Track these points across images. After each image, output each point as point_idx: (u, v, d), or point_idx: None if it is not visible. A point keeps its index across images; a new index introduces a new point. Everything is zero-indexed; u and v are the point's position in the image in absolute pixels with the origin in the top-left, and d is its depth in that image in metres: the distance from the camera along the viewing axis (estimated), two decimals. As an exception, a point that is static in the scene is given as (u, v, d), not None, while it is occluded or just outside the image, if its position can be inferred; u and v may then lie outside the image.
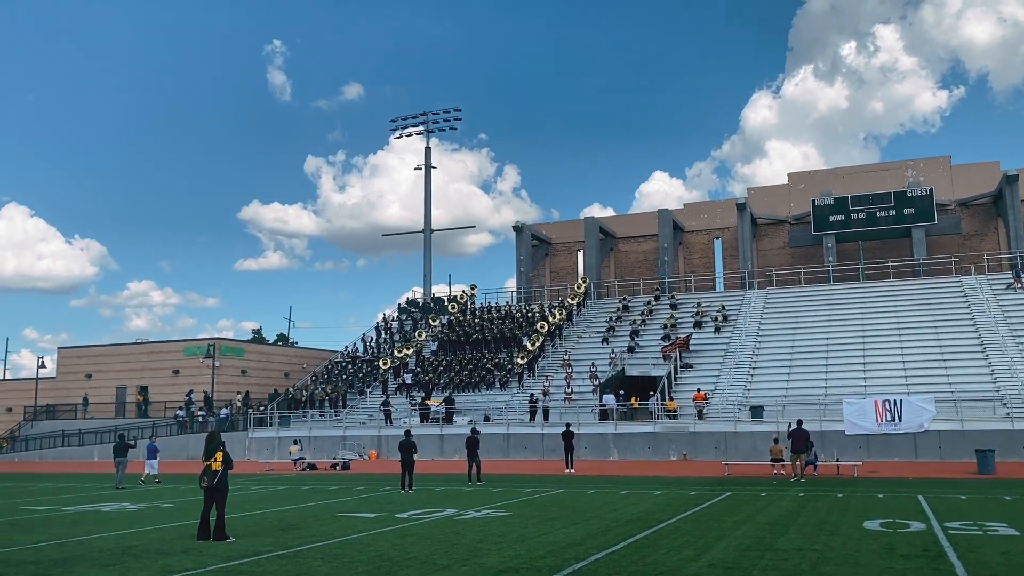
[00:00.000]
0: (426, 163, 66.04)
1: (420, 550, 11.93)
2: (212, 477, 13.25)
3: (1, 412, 64.76)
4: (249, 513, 17.79)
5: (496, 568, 10.30)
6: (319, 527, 15.03)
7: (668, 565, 10.30)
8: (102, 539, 13.98)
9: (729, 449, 33.97)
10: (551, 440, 36.15)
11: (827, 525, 13.90)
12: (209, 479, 13.27)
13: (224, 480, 13.39)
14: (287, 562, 11.12)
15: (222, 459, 13.32)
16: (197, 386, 55.11)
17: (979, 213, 52.87)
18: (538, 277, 61.89)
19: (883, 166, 57.50)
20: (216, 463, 13.29)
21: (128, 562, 11.39)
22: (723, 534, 12.99)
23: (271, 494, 22.95)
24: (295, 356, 67.40)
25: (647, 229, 59.48)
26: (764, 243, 57.20)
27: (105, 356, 61.96)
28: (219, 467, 13.28)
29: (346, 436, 42.32)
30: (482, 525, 14.78)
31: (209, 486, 13.27)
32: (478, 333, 50.48)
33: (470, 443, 26.13)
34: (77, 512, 18.92)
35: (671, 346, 43.33)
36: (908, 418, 32.39)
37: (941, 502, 17.36)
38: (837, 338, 42.51)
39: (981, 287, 44.97)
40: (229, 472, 13.56)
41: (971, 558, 10.47)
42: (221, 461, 13.31)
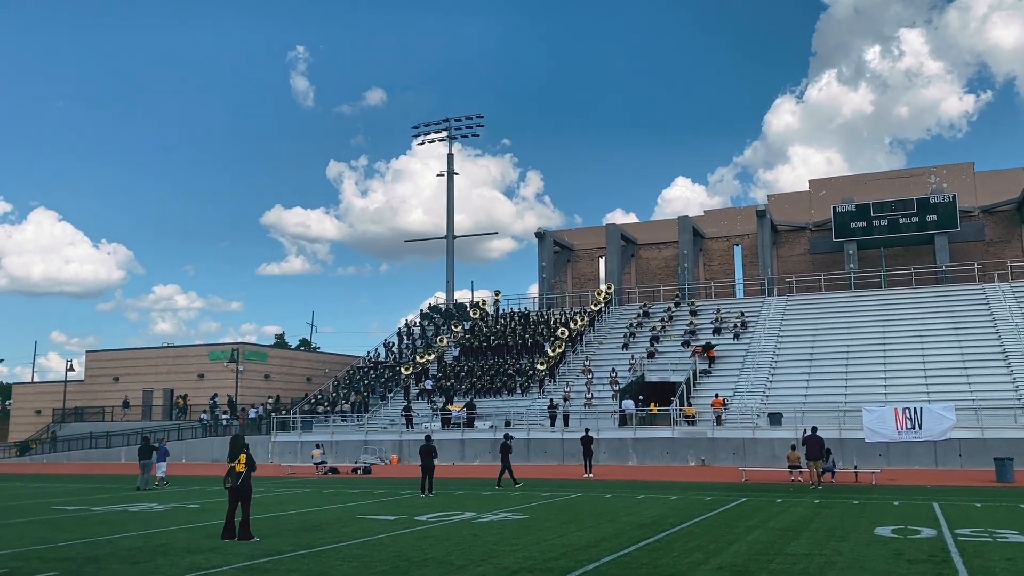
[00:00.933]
0: (448, 170, 66.58)
1: (437, 551, 12.27)
2: (236, 479, 13.67)
3: (31, 414, 65.99)
4: (272, 514, 18.23)
5: (510, 569, 10.62)
6: (340, 528, 15.42)
7: (678, 568, 10.57)
8: (131, 538, 14.45)
9: (747, 455, 34.05)
10: (571, 445, 36.41)
11: (838, 531, 14.09)
12: (233, 480, 13.69)
13: (248, 481, 13.79)
14: (308, 561, 11.50)
15: (245, 461, 13.73)
16: (221, 390, 55.96)
17: (1003, 220, 52.52)
18: (560, 283, 62.19)
19: (905, 172, 57.26)
20: (240, 465, 13.71)
21: (157, 559, 11.83)
22: (735, 539, 13.22)
23: (293, 496, 23.41)
24: (317, 361, 68.14)
25: (667, 236, 59.64)
26: (784, 250, 57.14)
27: (132, 360, 63.03)
28: (243, 469, 13.70)
29: (368, 441, 42.79)
30: (499, 528, 15.11)
31: (233, 487, 13.68)
32: (500, 339, 50.84)
33: (504, 449, 26.54)
34: (106, 512, 19.46)
35: (700, 349, 43.66)
36: (928, 426, 32.32)
37: (955, 510, 17.45)
38: (857, 345, 42.42)
39: (1004, 294, 44.69)
40: (253, 474, 13.98)
41: (976, 563, 10.66)
42: (244, 463, 13.73)
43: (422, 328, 58.14)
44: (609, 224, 60.61)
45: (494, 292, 59.60)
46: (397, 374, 50.48)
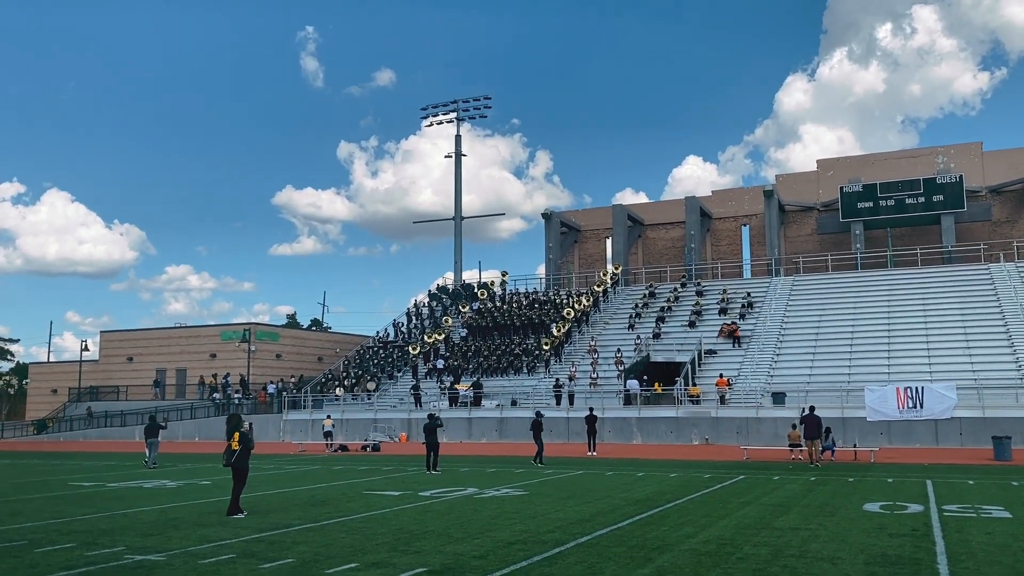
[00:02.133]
0: (456, 151, 66.79)
1: (438, 525, 12.77)
2: (229, 456, 14.22)
3: (47, 393, 67.03)
4: (281, 490, 18.79)
5: (506, 541, 11.09)
6: (346, 504, 15.95)
7: (667, 541, 11.01)
8: (145, 512, 15.02)
9: (751, 434, 34.48)
10: (576, 424, 36.92)
11: (828, 507, 14.50)
12: (227, 458, 14.25)
13: (241, 460, 14.26)
14: (314, 534, 12.01)
15: (239, 439, 14.24)
16: (233, 370, 56.72)
17: (1010, 200, 52.45)
18: (567, 264, 62.51)
19: (913, 152, 57.17)
20: (234, 443, 14.25)
21: (169, 532, 12.37)
22: (726, 514, 13.66)
23: (303, 473, 24.00)
24: (328, 341, 68.81)
25: (675, 216, 59.78)
26: (792, 230, 57.24)
27: (145, 340, 63.86)
28: (237, 447, 14.22)
29: (377, 419, 43.44)
30: (499, 503, 15.60)
31: (226, 464, 14.25)
32: (507, 319, 51.32)
33: (535, 426, 26.93)
34: (120, 488, 20.08)
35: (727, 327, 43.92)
36: (929, 405, 32.65)
37: (947, 487, 17.84)
38: (862, 325, 42.68)
39: (1009, 274, 44.78)
40: (251, 452, 14.47)
41: (955, 538, 11.05)
42: (238, 441, 14.24)
43: (430, 308, 58.67)
44: (616, 204, 60.79)
45: (501, 273, 60.07)
46: (406, 354, 51.08)
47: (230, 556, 10.17)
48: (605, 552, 10.18)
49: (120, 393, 59.68)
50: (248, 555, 10.25)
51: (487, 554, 10.12)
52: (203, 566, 9.56)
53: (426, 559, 9.81)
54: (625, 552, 10.16)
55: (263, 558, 10.01)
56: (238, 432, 14.31)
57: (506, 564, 9.44)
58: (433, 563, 9.55)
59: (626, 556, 9.89)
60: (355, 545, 10.94)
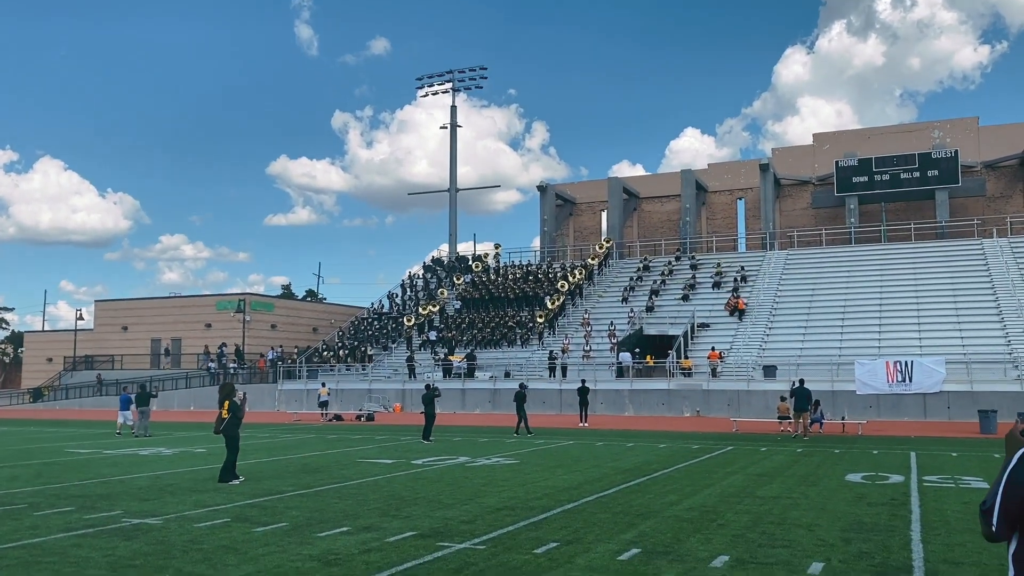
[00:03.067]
0: (451, 123, 66.58)
1: (429, 491, 13.04)
2: (219, 424, 14.53)
3: (42, 362, 67.27)
4: (276, 458, 19.07)
5: (495, 507, 11.36)
6: (339, 471, 16.23)
7: (651, 508, 11.29)
8: (141, 478, 15.28)
9: (741, 406, 34.86)
10: (568, 395, 37.26)
11: (811, 477, 14.81)
12: (217, 426, 14.57)
13: (230, 429, 14.54)
14: (307, 499, 12.28)
15: (228, 407, 14.52)
16: (228, 339, 56.94)
17: (1005, 175, 52.58)
18: (562, 236, 62.62)
19: (910, 127, 57.18)
20: (224, 412, 14.54)
21: (165, 497, 12.63)
22: (711, 483, 13.96)
23: (298, 442, 24.30)
24: (323, 312, 69.03)
25: (671, 189, 59.83)
26: (787, 204, 57.35)
27: (140, 309, 64.02)
28: (227, 415, 14.51)
29: (371, 389, 43.77)
30: (489, 471, 15.89)
31: (216, 431, 14.56)
32: (501, 292, 51.52)
33: (519, 397, 27.27)
34: (117, 455, 20.35)
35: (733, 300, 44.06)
36: (918, 379, 33.03)
37: (930, 458, 18.17)
38: (855, 299, 42.97)
39: (1002, 250, 45.04)
40: (240, 421, 14.75)
41: (931, 506, 11.35)
42: (228, 410, 14.52)
43: (425, 280, 58.84)
44: (612, 178, 60.79)
45: (495, 245, 60.19)
46: (400, 325, 51.33)
47: (225, 520, 10.42)
48: (590, 518, 10.45)
49: (115, 362, 59.93)
50: (242, 519, 10.51)
51: (475, 519, 10.39)
52: (198, 529, 9.81)
53: (416, 523, 10.08)
54: (609, 518, 10.44)
55: (257, 522, 10.26)
56: (228, 401, 14.58)
57: (493, 528, 9.70)
58: (422, 527, 9.81)
59: (610, 522, 10.16)
60: (347, 510, 11.20)
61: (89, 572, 7.60)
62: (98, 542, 9.04)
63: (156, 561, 8.05)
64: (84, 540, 9.16)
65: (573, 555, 8.21)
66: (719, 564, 7.79)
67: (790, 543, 8.79)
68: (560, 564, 7.81)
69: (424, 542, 8.91)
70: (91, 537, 9.35)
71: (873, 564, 7.80)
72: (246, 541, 9.04)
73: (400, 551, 8.44)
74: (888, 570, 7.54)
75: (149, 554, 8.39)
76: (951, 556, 8.18)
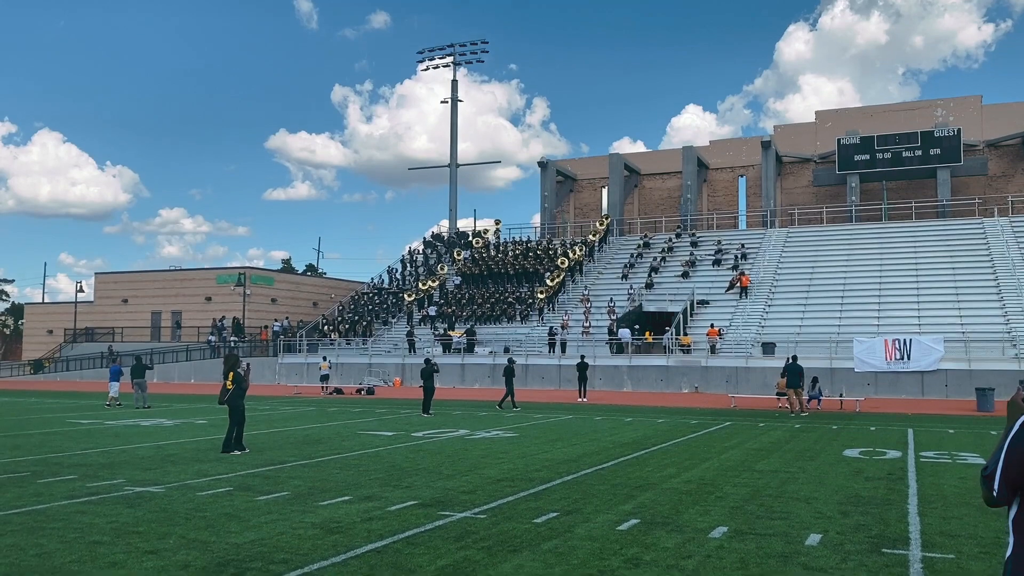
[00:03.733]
0: (452, 97, 66.22)
1: (429, 463, 13.13)
2: (223, 395, 14.62)
3: (43, 334, 67.39)
4: (277, 430, 19.17)
5: (494, 478, 11.44)
6: (340, 442, 16.32)
7: (649, 480, 11.37)
8: (143, 448, 15.37)
9: (740, 383, 34.99)
10: (567, 371, 37.39)
11: (809, 452, 14.90)
12: (221, 397, 14.67)
13: (235, 400, 14.64)
14: (308, 470, 12.36)
15: (233, 379, 14.62)
16: (228, 313, 57.03)
17: (1008, 154, 52.40)
18: (562, 213, 62.50)
19: (913, 105, 56.88)
20: (228, 383, 14.62)
21: (167, 467, 12.71)
22: (709, 457, 14.04)
23: (298, 414, 24.41)
24: (323, 286, 69.06)
25: (672, 166, 59.65)
26: (788, 182, 57.20)
27: (140, 282, 64.04)
28: (231, 386, 14.59)
29: (372, 364, 43.90)
30: (489, 444, 15.99)
31: (220, 402, 14.66)
32: (501, 268, 51.53)
33: (507, 372, 27.40)
34: (118, 426, 20.45)
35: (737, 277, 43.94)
36: (917, 357, 33.15)
37: (927, 435, 18.28)
38: (854, 278, 43.00)
39: (1003, 229, 44.99)
40: (245, 392, 14.85)
41: (928, 481, 11.43)
42: (232, 381, 14.61)
43: (425, 256, 58.81)
44: (612, 154, 60.56)
45: (494, 222, 60.10)
46: (400, 300, 51.38)
47: (227, 489, 10.50)
48: (589, 489, 10.53)
49: (116, 335, 60.04)
50: (244, 488, 10.58)
51: (476, 489, 10.47)
52: (201, 497, 9.88)
53: (417, 493, 10.15)
54: (608, 489, 10.52)
55: (259, 491, 10.34)
56: (233, 372, 14.66)
57: (493, 499, 9.78)
58: (423, 497, 9.89)
59: (609, 493, 10.24)
60: (348, 480, 11.28)
61: (93, 537, 7.67)
62: (101, 509, 9.12)
63: (159, 528, 8.12)
64: (87, 507, 9.24)
65: (572, 525, 8.29)
66: (718, 535, 7.86)
67: (788, 515, 8.87)
68: (560, 533, 7.88)
69: (425, 511, 8.98)
70: (94, 504, 9.42)
71: (870, 536, 7.87)
72: (248, 509, 9.11)
73: (402, 519, 8.51)
74: (885, 542, 7.62)
75: (152, 521, 8.47)
76: (948, 529, 8.25)
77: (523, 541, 7.54)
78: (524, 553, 7.08)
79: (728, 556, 7.02)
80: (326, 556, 6.95)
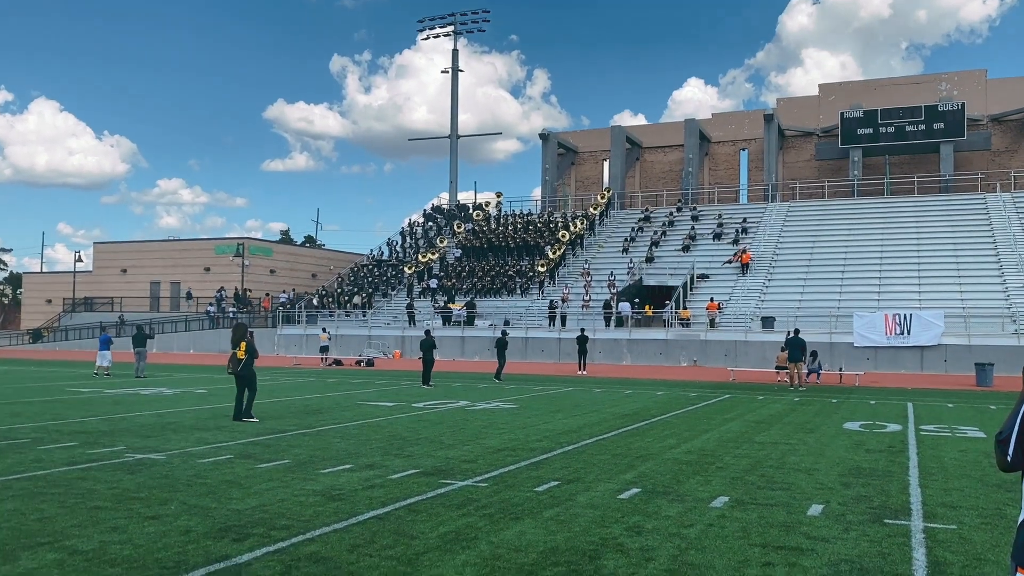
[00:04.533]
0: (453, 67, 65.67)
1: (430, 433, 13.13)
2: (236, 364, 14.57)
3: (41, 303, 67.36)
4: (277, 400, 19.18)
5: (495, 448, 11.45)
6: (340, 412, 16.33)
7: (649, 451, 11.38)
8: (143, 416, 15.37)
9: (739, 357, 35.02)
10: (567, 344, 37.41)
11: (809, 424, 14.91)
12: (234, 366, 14.60)
13: (248, 368, 14.65)
14: (309, 439, 12.36)
15: (246, 348, 14.57)
16: (227, 284, 56.97)
17: (1012, 129, 52.10)
18: (563, 186, 62.24)
19: (917, 79, 56.45)
20: (240, 352, 14.57)
21: (167, 435, 12.71)
22: (709, 428, 14.06)
23: (298, 384, 24.44)
24: (322, 258, 68.93)
25: (673, 139, 59.29)
26: (791, 155, 56.91)
27: (139, 252, 63.91)
28: (243, 355, 14.55)
29: (371, 336, 43.92)
30: (490, 415, 16.00)
31: (233, 372, 14.60)
32: (501, 241, 51.40)
33: (500, 344, 27.45)
34: (118, 394, 20.46)
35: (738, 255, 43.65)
36: (917, 332, 33.16)
37: (927, 409, 18.30)
38: (855, 252, 42.91)
39: (1005, 204, 44.83)
40: (255, 361, 14.83)
41: (929, 454, 11.44)
42: (245, 350, 14.57)
43: (425, 228, 58.63)
44: (614, 126, 60.19)
45: (496, 194, 59.86)
46: (400, 272, 51.31)
47: (228, 457, 10.49)
48: (590, 459, 10.53)
49: (114, 304, 60.02)
50: (245, 456, 10.58)
51: (476, 459, 10.47)
52: (201, 465, 9.88)
53: (418, 462, 10.15)
54: (609, 459, 10.52)
55: (260, 459, 10.34)
56: (244, 341, 14.61)
57: (494, 468, 9.77)
58: (425, 466, 9.89)
59: (610, 463, 10.24)
60: (349, 449, 11.28)
61: (94, 503, 7.66)
62: (102, 475, 9.11)
63: (160, 494, 8.11)
64: (88, 473, 9.23)
65: (574, 493, 8.29)
66: (719, 504, 7.86)
67: (789, 486, 8.86)
68: (561, 502, 7.88)
69: (427, 479, 8.98)
70: (95, 470, 9.42)
71: (872, 507, 7.87)
72: (249, 476, 9.11)
73: (403, 487, 8.51)
74: (887, 513, 7.61)
75: (153, 487, 8.46)
76: (948, 500, 8.25)
77: (525, 509, 7.54)
78: (526, 521, 7.07)
79: (730, 525, 7.02)
80: (328, 522, 6.94)
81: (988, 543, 6.53)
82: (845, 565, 5.87)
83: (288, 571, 5.59)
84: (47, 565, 5.69)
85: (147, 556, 5.91)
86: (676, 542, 6.43)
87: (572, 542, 6.39)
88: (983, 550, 6.32)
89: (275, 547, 6.17)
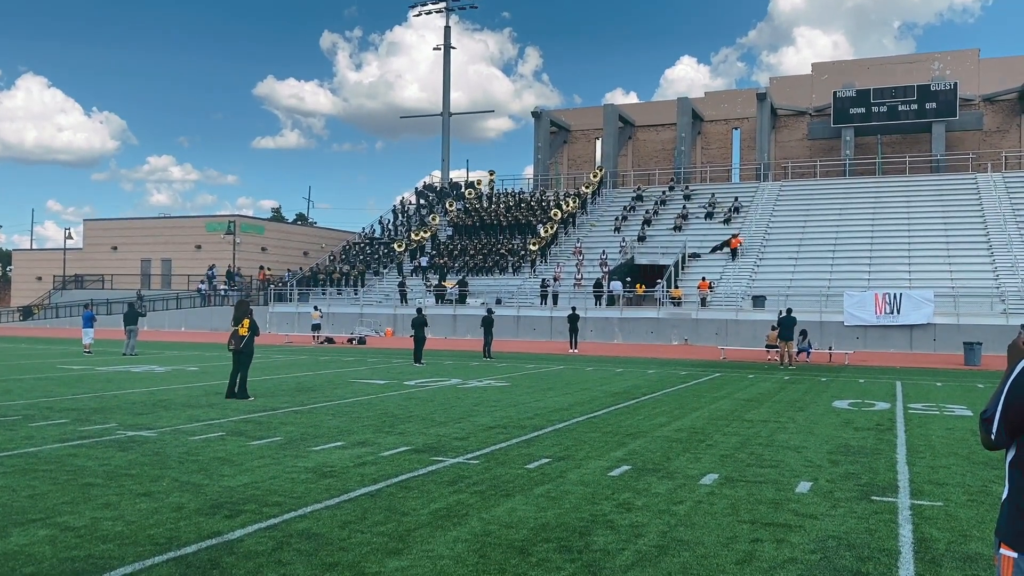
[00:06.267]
0: (445, 44, 65.21)
1: (421, 410, 13.17)
2: (239, 341, 14.53)
3: (31, 280, 67.07)
4: (269, 377, 19.19)
5: (487, 426, 11.50)
6: (332, 390, 16.36)
7: (640, 428, 11.45)
8: (135, 394, 15.36)
9: (729, 336, 35.17)
10: (559, 323, 37.51)
11: (799, 403, 15.02)
12: (236, 343, 14.55)
13: (249, 345, 14.64)
14: (301, 416, 12.39)
15: (248, 326, 14.54)
16: (219, 261, 56.78)
17: (1003, 109, 52.13)
18: (556, 164, 62.09)
19: (910, 58, 56.37)
20: (243, 329, 14.53)
21: (159, 412, 12.71)
22: (699, 407, 14.14)
23: (290, 362, 24.44)
24: (314, 236, 68.75)
25: (666, 118, 59.15)
26: (783, 135, 56.87)
27: (130, 229, 63.61)
28: (245, 332, 14.52)
29: (363, 314, 43.91)
30: (481, 392, 16.05)
31: (235, 349, 14.55)
32: (493, 219, 51.31)
33: (486, 322, 27.50)
34: (110, 372, 20.43)
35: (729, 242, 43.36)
36: (906, 311, 33.34)
37: (915, 388, 18.44)
38: (846, 231, 43.03)
39: (995, 184, 44.97)
40: (256, 339, 14.82)
41: (916, 432, 11.54)
42: (247, 327, 14.53)
43: (417, 206, 58.47)
44: (607, 104, 59.98)
45: (488, 172, 59.69)
46: (391, 250, 51.21)
47: (219, 434, 10.51)
48: (581, 437, 10.59)
49: (105, 282, 59.79)
50: (237, 433, 10.60)
51: (468, 436, 10.51)
52: (193, 442, 9.89)
53: (410, 439, 10.19)
54: (600, 437, 10.58)
55: (252, 436, 10.36)
56: (247, 319, 14.56)
57: (486, 445, 9.82)
58: (416, 443, 9.93)
59: (600, 440, 10.30)
60: (341, 427, 11.31)
61: (86, 479, 7.67)
62: (94, 452, 9.12)
63: (152, 471, 8.13)
64: (80, 450, 9.23)
65: (565, 470, 8.34)
66: (709, 481, 7.92)
67: (778, 463, 8.94)
68: (552, 479, 7.93)
69: (418, 456, 9.02)
70: (87, 448, 9.42)
71: (860, 484, 7.94)
72: (241, 454, 9.13)
73: (395, 464, 8.55)
74: (874, 490, 7.69)
75: (145, 464, 8.47)
76: (935, 477, 8.34)
77: (516, 486, 7.58)
78: (517, 497, 7.12)
79: (719, 502, 7.08)
80: (320, 499, 6.97)
81: (974, 520, 6.61)
82: (832, 541, 5.94)
83: (280, 547, 5.62)
84: (39, 541, 5.70)
85: (139, 532, 5.93)
86: (666, 519, 6.49)
87: (563, 519, 6.44)
88: (969, 527, 6.40)
89: (267, 523, 6.20)
